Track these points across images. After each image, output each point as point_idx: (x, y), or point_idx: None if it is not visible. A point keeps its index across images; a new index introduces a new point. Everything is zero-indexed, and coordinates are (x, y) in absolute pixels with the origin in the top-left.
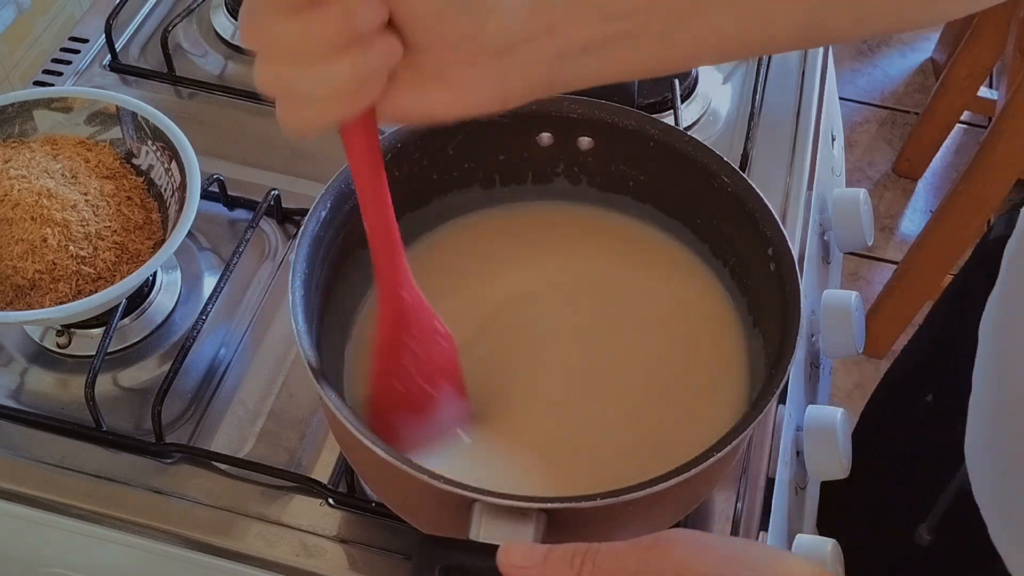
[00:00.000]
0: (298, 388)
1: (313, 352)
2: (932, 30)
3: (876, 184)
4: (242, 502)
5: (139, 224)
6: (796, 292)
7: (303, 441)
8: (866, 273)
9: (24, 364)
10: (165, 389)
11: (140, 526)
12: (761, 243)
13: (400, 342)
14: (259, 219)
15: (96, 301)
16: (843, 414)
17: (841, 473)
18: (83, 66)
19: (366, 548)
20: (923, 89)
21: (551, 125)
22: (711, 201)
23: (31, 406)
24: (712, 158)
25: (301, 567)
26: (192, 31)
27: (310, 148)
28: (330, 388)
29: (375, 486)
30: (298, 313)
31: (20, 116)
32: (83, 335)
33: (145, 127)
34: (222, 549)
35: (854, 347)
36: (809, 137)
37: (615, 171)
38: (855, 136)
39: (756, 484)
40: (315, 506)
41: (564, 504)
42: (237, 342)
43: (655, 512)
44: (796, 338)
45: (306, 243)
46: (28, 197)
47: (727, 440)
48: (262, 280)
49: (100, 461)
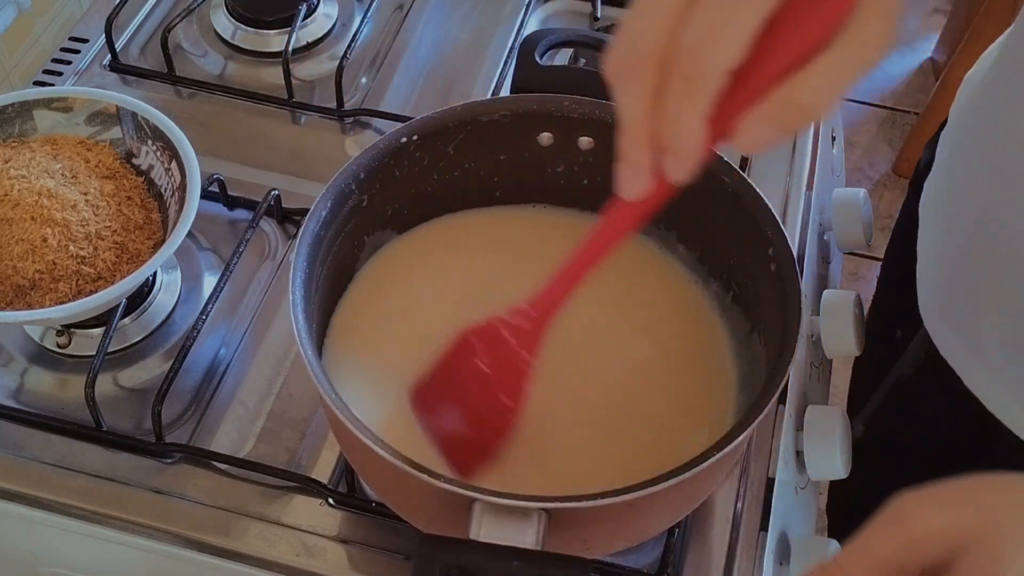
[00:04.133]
0: (298, 388)
1: (313, 352)
2: (932, 30)
3: (876, 184)
4: (242, 502)
5: (139, 224)
6: (797, 292)
7: (303, 441)
8: (866, 273)
9: (24, 364)
10: (165, 389)
11: (140, 526)
12: (761, 243)
13: (512, 352)
14: (259, 219)
15: (96, 301)
16: (843, 414)
17: (841, 473)
18: (83, 66)
19: (366, 548)
20: (923, 89)
21: (552, 125)
22: (711, 201)
23: (31, 406)
24: (712, 158)
25: (301, 567)
26: (192, 31)
27: (310, 148)
28: (331, 387)
29: (375, 486)
30: (298, 313)
31: (20, 116)
32: (83, 335)
33: (145, 127)
34: (222, 549)
35: (854, 347)
36: (809, 137)
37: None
38: (855, 136)
39: (756, 484)
40: (315, 506)
41: (565, 504)
42: (237, 342)
43: (655, 512)
44: (796, 338)
45: (306, 243)
46: (28, 197)
47: (727, 440)
48: (262, 280)
49: (100, 461)
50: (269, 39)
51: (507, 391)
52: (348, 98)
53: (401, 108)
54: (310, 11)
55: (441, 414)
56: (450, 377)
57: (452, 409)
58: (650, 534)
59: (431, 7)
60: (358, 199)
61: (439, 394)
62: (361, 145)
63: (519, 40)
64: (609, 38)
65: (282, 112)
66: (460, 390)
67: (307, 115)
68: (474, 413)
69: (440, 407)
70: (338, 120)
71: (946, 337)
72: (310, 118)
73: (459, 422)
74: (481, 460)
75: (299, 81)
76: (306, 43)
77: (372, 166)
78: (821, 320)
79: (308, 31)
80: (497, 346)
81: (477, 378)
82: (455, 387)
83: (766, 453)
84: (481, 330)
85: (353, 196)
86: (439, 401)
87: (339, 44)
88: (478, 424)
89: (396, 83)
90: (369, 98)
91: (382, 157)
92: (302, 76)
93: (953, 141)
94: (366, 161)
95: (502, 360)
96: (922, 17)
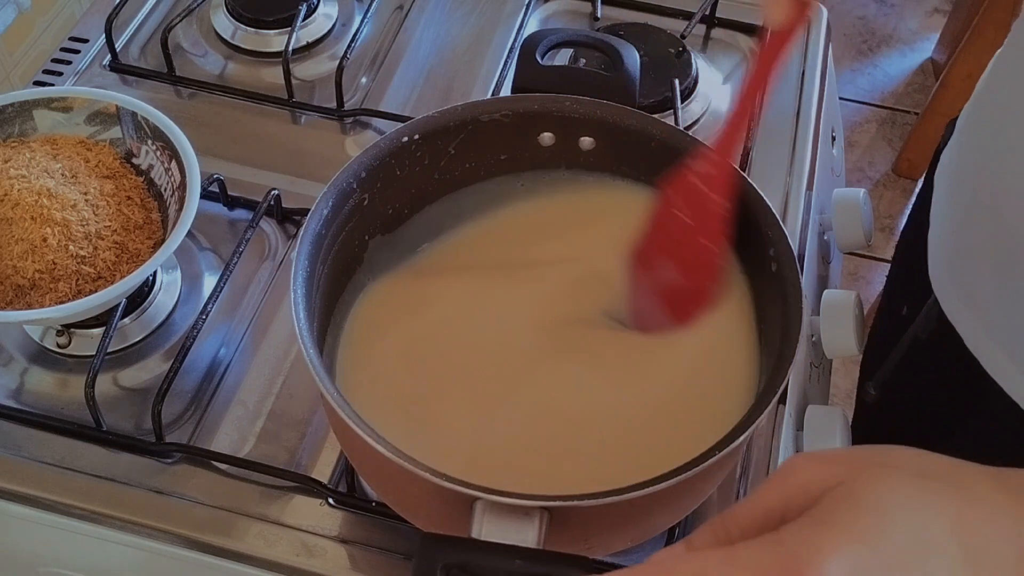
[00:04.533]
0: (298, 388)
1: (314, 351)
2: (932, 30)
3: (876, 184)
4: (242, 502)
5: (139, 224)
6: (797, 292)
7: (303, 441)
8: (866, 273)
9: (24, 364)
10: (165, 389)
11: (140, 526)
12: (762, 243)
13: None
14: (259, 219)
15: (96, 301)
16: (843, 414)
17: None
18: (83, 66)
19: (366, 548)
20: (923, 89)
21: (552, 125)
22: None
23: (31, 406)
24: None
25: (301, 567)
26: (192, 31)
27: (310, 148)
28: (331, 385)
29: (376, 485)
30: (299, 312)
31: (20, 116)
32: (83, 335)
33: (145, 127)
34: (222, 549)
35: (854, 347)
36: (809, 137)
37: (616, 171)
38: (855, 136)
39: (756, 484)
40: (315, 506)
41: (566, 502)
42: (237, 342)
43: (656, 511)
44: (797, 338)
45: (308, 241)
46: (28, 197)
47: (727, 440)
48: (262, 280)
49: (100, 461)
50: (269, 39)
51: (708, 235)
52: (348, 98)
53: (401, 108)
54: (310, 11)
55: (658, 268)
56: (659, 231)
57: (666, 262)
58: (651, 534)
59: (431, 7)
60: (359, 198)
61: (654, 250)
62: (361, 145)
63: (519, 40)
64: (609, 38)
65: (282, 112)
66: (669, 242)
67: (307, 115)
68: (685, 262)
69: (656, 262)
70: (338, 120)
71: (951, 299)
72: (310, 118)
73: (675, 273)
74: (700, 305)
75: (299, 81)
76: (306, 43)
77: (373, 165)
78: (821, 320)
79: (308, 31)
80: (692, 194)
81: (681, 228)
82: (665, 240)
83: (766, 453)
84: (677, 182)
85: (354, 195)
86: (655, 256)
87: (339, 44)
88: (691, 271)
89: (396, 83)
90: (369, 98)
91: (383, 156)
92: (302, 76)
93: (968, 113)
94: (368, 160)
95: (698, 207)
96: (922, 17)
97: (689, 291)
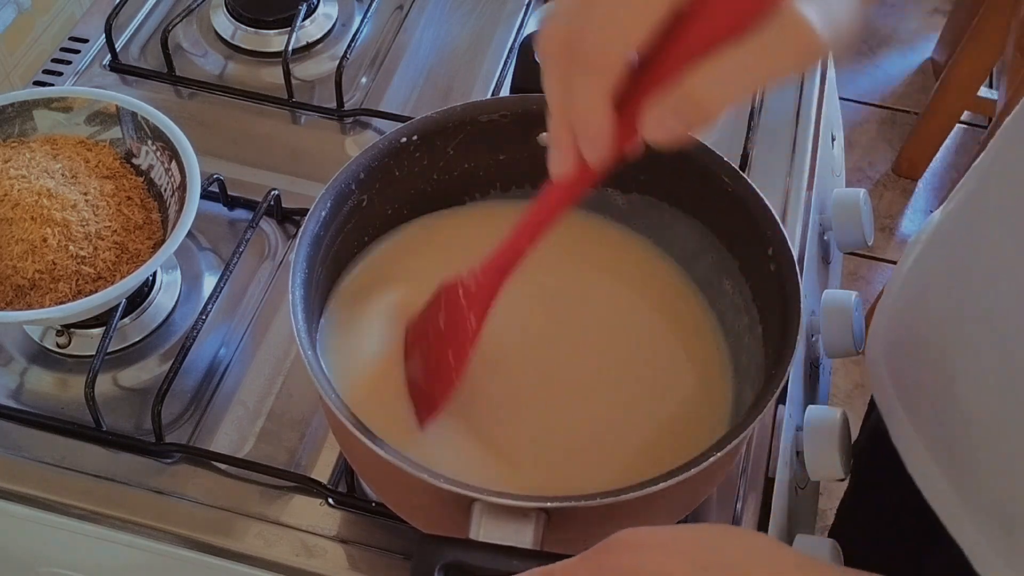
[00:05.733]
0: (298, 388)
1: (313, 352)
2: (932, 30)
3: (876, 184)
4: (242, 502)
5: (139, 224)
6: (796, 292)
7: (303, 441)
8: (866, 273)
9: (24, 364)
10: (165, 389)
11: (140, 526)
12: (761, 243)
13: (463, 313)
14: (259, 219)
15: (96, 301)
16: (843, 414)
17: (841, 473)
18: (83, 66)
19: (366, 548)
20: (923, 89)
21: None
22: (711, 201)
23: (31, 406)
24: (712, 158)
25: (301, 567)
26: (192, 31)
27: (310, 148)
28: (330, 387)
29: (375, 486)
30: (298, 313)
31: (20, 116)
32: (83, 335)
33: (145, 127)
34: (222, 549)
35: (854, 347)
36: (809, 137)
37: (615, 171)
38: (855, 136)
39: (756, 484)
40: (315, 506)
41: (564, 504)
42: (237, 342)
43: (655, 512)
44: (796, 338)
45: (306, 243)
46: (28, 197)
47: (727, 440)
48: (262, 280)
49: (100, 461)
50: (269, 39)
51: (454, 351)
52: (348, 98)
53: (401, 108)
54: (310, 11)
55: (411, 359)
56: (422, 325)
57: (418, 356)
58: None
59: (431, 7)
60: (358, 199)
61: (415, 338)
62: (361, 145)
63: (519, 40)
64: None
65: (282, 112)
66: (424, 339)
67: (307, 115)
68: (429, 365)
69: (412, 352)
70: (338, 120)
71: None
72: (310, 118)
73: (419, 371)
74: (428, 413)
75: (299, 81)
76: (306, 43)
77: (372, 166)
78: (821, 320)
79: (308, 31)
80: (453, 305)
81: (435, 332)
82: (422, 336)
83: (766, 453)
84: (449, 286)
85: (353, 196)
86: (413, 346)
87: (339, 44)
88: (431, 377)
89: (396, 83)
90: (369, 98)
91: (382, 157)
92: (302, 76)
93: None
94: (366, 161)
95: (454, 319)
96: (922, 17)
97: (426, 394)
